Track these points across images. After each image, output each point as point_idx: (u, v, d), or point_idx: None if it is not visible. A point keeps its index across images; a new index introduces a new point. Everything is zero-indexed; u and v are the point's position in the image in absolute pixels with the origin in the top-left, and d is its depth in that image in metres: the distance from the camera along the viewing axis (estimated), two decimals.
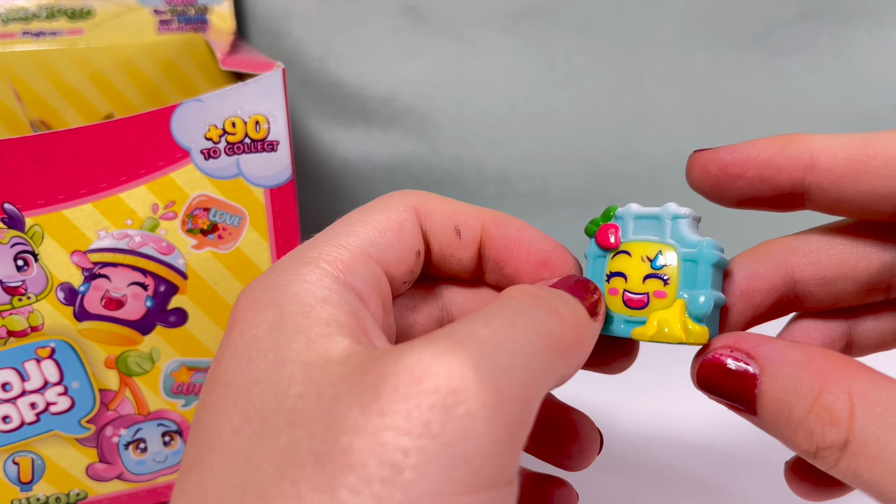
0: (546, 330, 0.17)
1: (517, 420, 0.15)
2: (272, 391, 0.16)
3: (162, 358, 0.31)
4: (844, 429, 0.17)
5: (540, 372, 0.17)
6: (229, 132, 0.28)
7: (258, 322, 0.18)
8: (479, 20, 0.46)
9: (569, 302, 0.19)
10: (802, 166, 0.20)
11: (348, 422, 0.15)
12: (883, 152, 0.19)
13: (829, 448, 0.17)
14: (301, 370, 0.16)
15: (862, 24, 0.46)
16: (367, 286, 0.19)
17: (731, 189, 0.21)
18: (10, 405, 0.30)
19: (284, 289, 0.18)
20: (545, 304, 0.18)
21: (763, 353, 0.19)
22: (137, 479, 0.33)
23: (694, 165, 0.22)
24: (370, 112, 0.48)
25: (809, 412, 0.18)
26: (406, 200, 0.22)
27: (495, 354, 0.16)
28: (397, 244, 0.21)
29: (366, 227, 0.21)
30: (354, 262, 0.19)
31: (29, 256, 0.28)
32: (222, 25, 0.43)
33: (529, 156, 0.49)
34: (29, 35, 0.41)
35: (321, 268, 0.19)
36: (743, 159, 0.21)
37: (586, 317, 0.19)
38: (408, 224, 0.21)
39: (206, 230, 0.30)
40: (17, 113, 0.40)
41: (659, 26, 0.46)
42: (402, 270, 0.21)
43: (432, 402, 0.15)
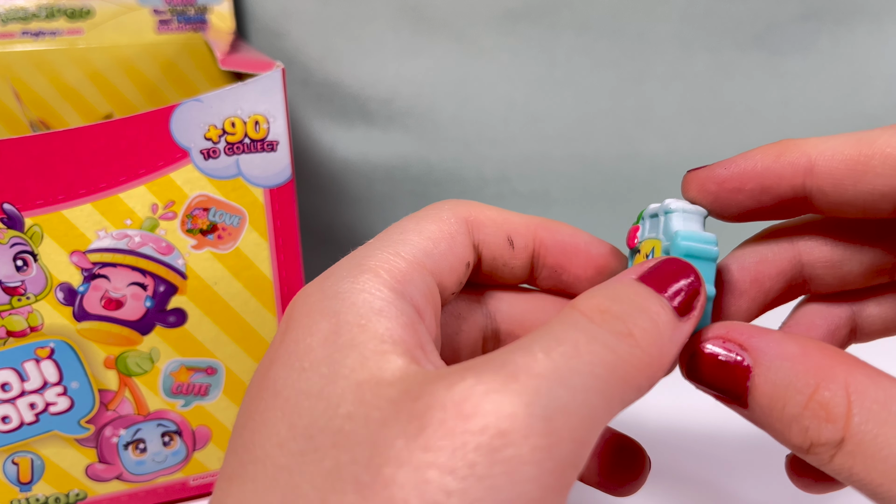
0: (614, 361, 0.16)
1: (568, 463, 0.15)
2: (322, 408, 0.16)
3: (161, 358, 0.31)
4: (841, 426, 0.17)
5: (600, 408, 0.16)
6: (229, 132, 0.28)
7: (314, 331, 0.18)
8: (479, 20, 0.45)
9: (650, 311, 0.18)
10: (801, 171, 0.20)
11: (392, 452, 0.15)
12: (881, 151, 0.19)
13: (823, 445, 0.17)
14: (352, 389, 0.16)
15: (862, 24, 0.46)
16: (423, 298, 0.19)
17: (732, 204, 0.21)
18: (9, 405, 0.30)
19: (342, 297, 0.18)
20: (618, 325, 0.17)
21: (757, 344, 0.18)
22: (137, 480, 0.33)
23: (690, 185, 0.21)
24: (370, 112, 0.48)
25: (805, 408, 0.17)
26: (457, 211, 0.22)
27: (551, 392, 0.15)
28: (449, 255, 0.21)
29: (419, 237, 0.20)
30: (411, 273, 0.19)
31: (28, 256, 0.28)
32: (222, 25, 0.43)
33: (529, 156, 0.49)
34: (28, 35, 0.41)
35: (380, 277, 0.19)
36: (740, 172, 0.20)
37: (670, 324, 0.18)
38: (459, 236, 0.21)
39: (206, 230, 0.30)
40: (17, 113, 0.40)
41: (659, 26, 0.45)
42: (453, 281, 0.21)
43: (479, 443, 0.14)
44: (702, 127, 0.48)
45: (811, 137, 0.20)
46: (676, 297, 0.18)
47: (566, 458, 0.15)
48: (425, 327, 0.19)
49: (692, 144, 0.49)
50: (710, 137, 0.49)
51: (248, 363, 0.32)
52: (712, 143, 0.49)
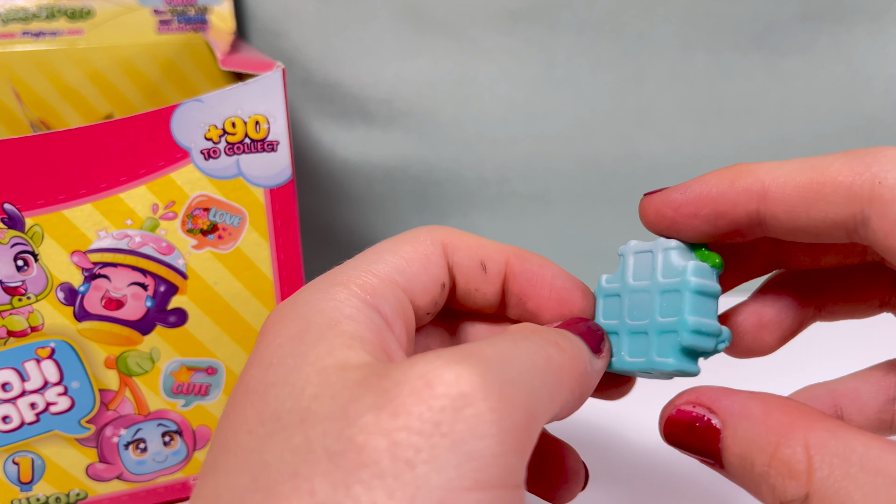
0: (546, 355, 0.18)
1: (522, 428, 0.16)
2: (287, 392, 0.17)
3: (162, 358, 0.31)
4: (804, 482, 0.17)
5: (542, 390, 0.17)
6: (229, 132, 0.28)
7: (283, 332, 0.19)
8: (479, 20, 0.46)
9: (568, 337, 0.20)
10: (755, 197, 0.20)
11: (362, 422, 0.16)
12: (832, 179, 0.19)
13: (791, 502, 0.17)
14: (317, 373, 0.17)
15: (862, 24, 0.46)
16: (393, 311, 0.20)
17: (688, 228, 0.21)
18: (10, 405, 0.30)
19: (312, 304, 0.19)
20: (545, 336, 0.19)
21: (724, 407, 0.19)
22: (137, 480, 0.33)
23: (647, 209, 0.22)
24: (370, 112, 0.48)
25: (769, 466, 0.18)
26: (433, 235, 0.23)
27: (500, 368, 0.17)
28: (423, 275, 0.22)
29: (394, 257, 0.21)
30: (382, 288, 0.20)
31: (29, 256, 0.28)
32: (222, 25, 0.43)
33: (529, 156, 0.49)
34: (29, 35, 0.41)
35: (350, 289, 0.20)
36: (695, 198, 0.21)
37: (586, 351, 0.20)
38: (434, 257, 0.22)
39: (206, 230, 0.30)
40: (17, 113, 0.40)
41: (659, 26, 0.46)
42: (427, 301, 0.22)
43: (443, 405, 0.15)
44: (702, 127, 0.48)
45: (766, 162, 0.20)
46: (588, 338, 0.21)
47: (520, 423, 0.16)
48: (394, 337, 0.20)
49: (692, 144, 0.49)
50: (710, 137, 0.49)
51: None
52: (712, 143, 0.49)
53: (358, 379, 0.17)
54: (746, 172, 0.20)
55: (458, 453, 0.15)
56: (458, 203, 0.50)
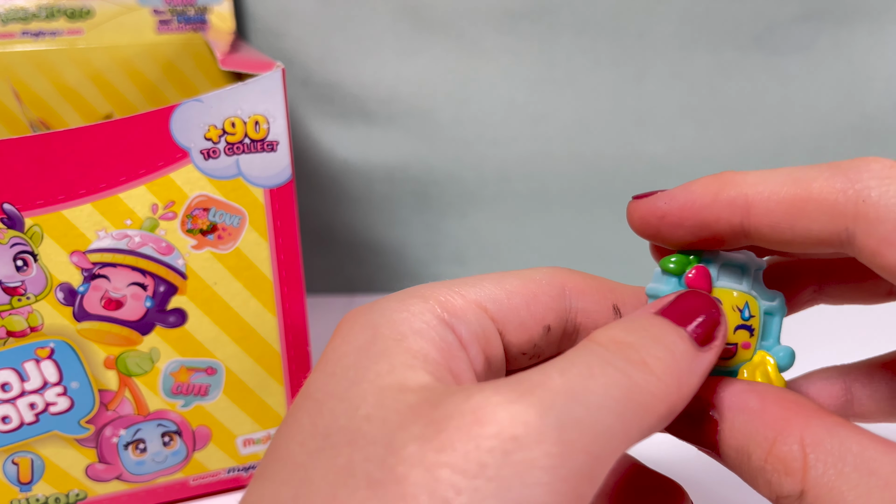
0: (629, 384, 0.16)
1: (582, 475, 0.15)
2: (343, 408, 0.16)
3: (161, 358, 0.31)
4: (799, 479, 0.17)
5: (617, 428, 0.16)
6: (229, 132, 0.28)
7: (351, 340, 0.18)
8: (479, 20, 0.45)
9: (665, 342, 0.18)
10: (739, 211, 0.19)
11: (406, 452, 0.15)
12: (816, 195, 0.18)
13: (787, 497, 0.17)
14: (374, 392, 0.16)
15: (862, 24, 0.46)
16: (471, 335, 0.19)
17: (672, 237, 0.21)
18: (9, 405, 0.30)
19: (384, 314, 0.18)
20: (632, 354, 0.17)
21: (721, 399, 0.19)
22: (137, 480, 0.33)
23: (633, 215, 0.21)
24: (370, 112, 0.48)
25: (766, 462, 0.18)
26: (552, 274, 0.21)
27: (566, 406, 0.15)
28: (523, 311, 0.20)
29: (494, 286, 0.20)
30: (464, 309, 0.19)
31: (28, 257, 0.28)
32: (222, 25, 0.43)
33: (529, 156, 0.49)
34: (28, 35, 0.41)
35: (428, 303, 0.19)
36: (679, 208, 0.20)
37: (689, 354, 0.18)
38: (544, 297, 0.21)
39: (206, 230, 0.30)
40: (17, 113, 0.40)
41: (659, 26, 0.45)
42: (522, 339, 0.20)
43: (492, 446, 0.14)
44: (702, 127, 0.48)
45: (751, 172, 0.20)
46: (695, 327, 0.19)
47: (580, 469, 0.15)
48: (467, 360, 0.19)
49: (692, 144, 0.49)
50: (710, 137, 0.49)
51: (248, 363, 0.32)
52: (712, 143, 0.49)
53: (411, 404, 0.16)
54: (731, 184, 0.19)
55: (501, 499, 0.14)
56: (458, 203, 0.50)
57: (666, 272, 0.21)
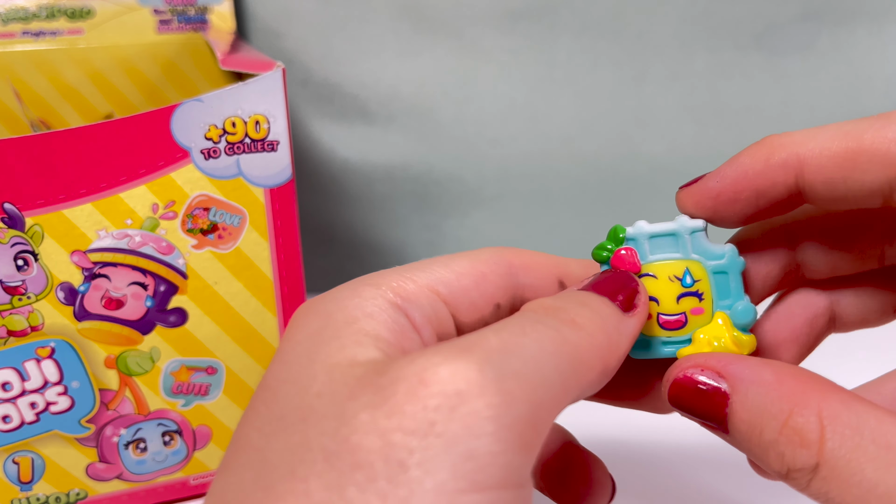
0: (561, 338, 0.17)
1: (525, 422, 0.15)
2: (295, 391, 0.17)
3: (162, 358, 0.31)
4: (815, 452, 0.17)
5: (553, 378, 0.16)
6: (229, 132, 0.28)
7: (304, 329, 0.18)
8: (479, 20, 0.46)
9: (591, 305, 0.19)
10: (793, 172, 0.20)
11: (358, 422, 0.15)
12: (868, 147, 0.18)
13: (799, 470, 0.17)
14: (324, 370, 0.17)
15: (862, 24, 0.46)
16: (424, 318, 0.19)
17: (731, 214, 0.21)
18: (10, 405, 0.30)
19: (336, 301, 0.19)
20: (560, 314, 0.18)
21: (733, 371, 0.19)
22: (137, 479, 0.33)
23: (686, 202, 0.21)
24: (370, 112, 0.48)
25: (780, 434, 0.18)
26: (498, 254, 0.21)
27: (502, 360, 0.16)
28: (473, 291, 0.21)
29: (444, 269, 0.20)
30: (416, 293, 0.19)
31: (29, 256, 0.28)
32: (222, 25, 0.43)
33: (529, 156, 0.49)
34: (29, 35, 0.41)
35: (380, 290, 0.19)
36: (733, 182, 0.20)
37: (614, 316, 0.19)
38: (492, 276, 0.21)
39: (206, 230, 0.30)
40: (18, 113, 0.40)
41: (659, 26, 0.46)
42: (474, 318, 0.21)
43: (438, 404, 0.15)
44: (702, 127, 0.48)
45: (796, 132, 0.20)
46: (618, 295, 0.20)
47: (522, 417, 0.15)
48: (420, 340, 0.19)
49: (692, 144, 0.49)
50: (710, 137, 0.49)
51: (248, 363, 0.32)
52: (712, 143, 0.49)
53: (358, 375, 0.16)
54: (780, 147, 0.20)
55: (452, 454, 0.15)
56: (458, 203, 0.50)
57: (596, 259, 0.22)
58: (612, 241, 0.22)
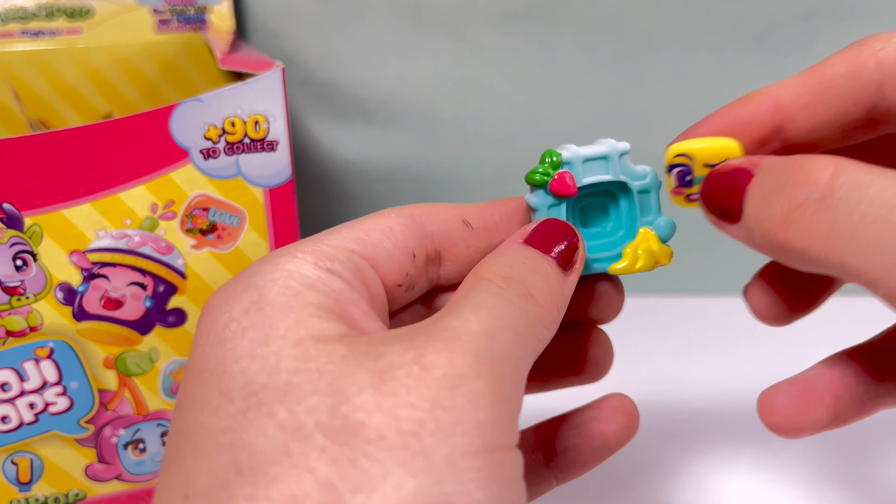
0: (526, 319, 0.19)
1: (512, 398, 0.17)
2: (258, 367, 0.17)
3: (161, 358, 0.31)
4: (823, 185, 0.17)
5: (524, 358, 0.18)
6: (228, 132, 0.28)
7: (232, 307, 0.18)
8: (479, 20, 0.45)
9: (540, 272, 0.20)
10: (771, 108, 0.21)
11: (359, 401, 0.16)
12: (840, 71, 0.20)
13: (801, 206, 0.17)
14: (292, 345, 0.17)
15: (862, 23, 0.46)
16: (351, 273, 0.19)
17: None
18: (8, 405, 0.30)
19: (261, 275, 0.18)
20: (520, 289, 0.19)
21: (767, 159, 0.19)
22: (136, 480, 0.33)
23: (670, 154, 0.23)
24: (370, 112, 0.48)
25: (789, 179, 0.18)
26: (400, 210, 0.22)
27: (489, 346, 0.17)
28: (385, 243, 0.21)
29: (350, 229, 0.21)
30: (334, 253, 0.20)
31: (28, 256, 0.28)
32: (221, 25, 0.43)
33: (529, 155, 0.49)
34: (28, 34, 0.41)
35: (298, 257, 0.19)
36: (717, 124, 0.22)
37: (559, 280, 0.20)
38: (399, 227, 0.21)
39: (206, 230, 0.30)
40: (16, 112, 0.40)
41: (659, 25, 0.45)
42: (394, 269, 0.21)
43: (441, 384, 0.16)
44: None
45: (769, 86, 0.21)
46: (558, 254, 0.21)
47: (509, 394, 0.17)
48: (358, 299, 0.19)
49: None
50: None
51: None
52: None
53: (343, 354, 0.17)
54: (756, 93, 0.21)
55: (461, 422, 0.16)
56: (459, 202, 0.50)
57: (532, 184, 0.23)
58: (547, 165, 0.23)
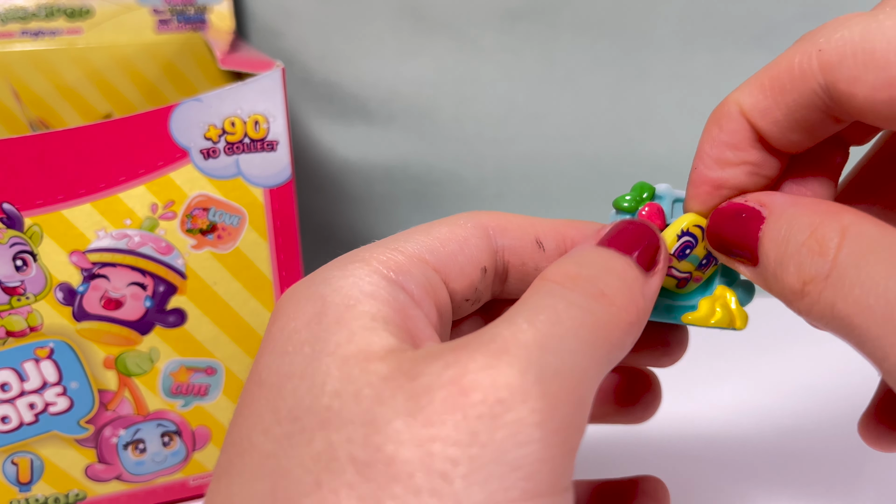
0: (594, 321, 0.16)
1: (569, 424, 0.15)
2: (306, 387, 0.16)
3: (161, 358, 0.31)
4: (830, 258, 0.16)
5: (591, 369, 0.16)
6: (228, 132, 0.28)
7: (298, 315, 0.17)
8: (479, 20, 0.45)
9: (616, 270, 0.18)
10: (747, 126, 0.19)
11: (391, 430, 0.14)
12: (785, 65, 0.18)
13: (812, 281, 0.17)
14: (338, 365, 0.16)
15: None
16: (421, 289, 0.19)
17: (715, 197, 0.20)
18: (8, 406, 0.30)
19: (329, 283, 0.18)
20: (589, 288, 0.17)
21: (775, 198, 0.19)
22: (136, 480, 0.33)
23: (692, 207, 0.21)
24: (370, 112, 0.48)
25: (803, 245, 0.17)
26: (475, 218, 0.21)
27: (542, 359, 0.15)
28: (459, 256, 0.20)
29: (426, 237, 0.20)
30: (408, 265, 0.19)
31: (28, 256, 0.28)
32: (221, 25, 0.43)
33: (529, 156, 0.49)
34: (28, 34, 0.41)
35: (371, 265, 0.18)
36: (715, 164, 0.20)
37: (639, 280, 0.18)
38: (473, 239, 0.20)
39: (206, 230, 0.30)
40: (16, 112, 0.40)
41: (659, 25, 0.45)
42: (464, 285, 0.20)
43: (480, 413, 0.14)
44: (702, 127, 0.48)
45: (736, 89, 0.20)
46: (639, 254, 0.19)
47: (567, 419, 0.15)
48: (423, 315, 0.18)
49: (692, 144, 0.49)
50: None
51: (247, 363, 0.32)
52: None
53: (383, 375, 0.15)
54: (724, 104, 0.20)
55: (500, 464, 0.14)
56: (458, 203, 0.50)
57: (620, 211, 0.22)
58: (640, 194, 0.22)
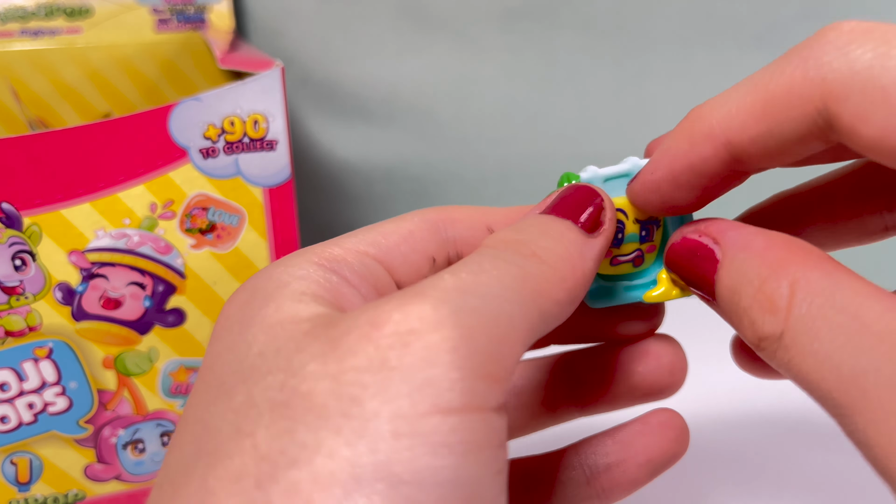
0: (522, 273, 0.17)
1: (485, 353, 0.15)
2: (232, 357, 0.16)
3: (160, 358, 0.31)
4: (782, 318, 0.16)
5: (515, 312, 0.16)
6: (228, 131, 0.28)
7: (232, 303, 0.18)
8: (479, 19, 0.45)
9: (551, 233, 0.18)
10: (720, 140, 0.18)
11: (307, 371, 0.15)
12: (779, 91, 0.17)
13: (767, 339, 0.16)
14: (264, 330, 0.16)
15: None
16: (356, 275, 0.19)
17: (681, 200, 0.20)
18: (7, 405, 0.30)
19: (262, 274, 0.18)
20: (521, 248, 0.17)
21: (729, 238, 0.18)
22: (135, 480, 0.33)
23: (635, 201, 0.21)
24: (370, 112, 0.48)
25: (753, 300, 0.17)
26: (423, 213, 0.21)
27: (458, 298, 0.15)
28: (403, 246, 0.20)
29: (369, 232, 0.20)
30: (344, 255, 0.19)
31: (27, 256, 0.28)
32: (221, 24, 0.43)
33: (529, 155, 0.49)
34: (27, 34, 0.41)
35: (305, 257, 0.19)
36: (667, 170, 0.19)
37: (577, 242, 0.18)
38: (419, 232, 0.21)
39: (205, 230, 0.30)
40: (16, 112, 0.40)
41: (659, 25, 0.45)
42: (411, 273, 0.20)
43: (391, 343, 0.14)
44: None
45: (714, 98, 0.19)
46: (582, 217, 0.19)
47: (482, 349, 0.15)
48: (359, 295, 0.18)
49: None
50: None
51: None
52: None
53: (305, 330, 0.16)
54: (698, 119, 0.19)
55: (409, 382, 0.14)
56: (458, 202, 0.50)
57: None
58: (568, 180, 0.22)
